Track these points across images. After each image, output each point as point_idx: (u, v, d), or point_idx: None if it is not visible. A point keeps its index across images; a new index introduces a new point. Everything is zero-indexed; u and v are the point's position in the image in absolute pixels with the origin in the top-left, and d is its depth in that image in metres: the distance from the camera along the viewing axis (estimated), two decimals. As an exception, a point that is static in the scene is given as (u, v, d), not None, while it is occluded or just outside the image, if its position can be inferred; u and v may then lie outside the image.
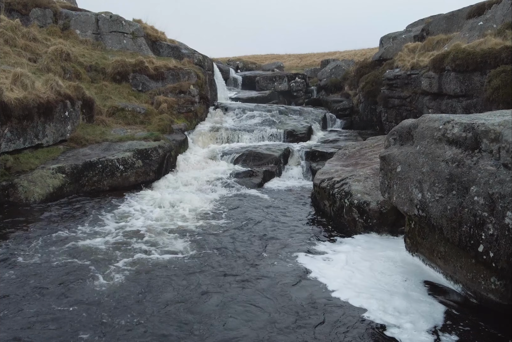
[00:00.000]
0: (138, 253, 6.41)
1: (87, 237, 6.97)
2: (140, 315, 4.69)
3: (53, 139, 10.27)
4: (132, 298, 5.07)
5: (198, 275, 5.72)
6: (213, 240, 7.08)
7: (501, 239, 4.16)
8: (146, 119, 13.41)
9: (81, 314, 4.68)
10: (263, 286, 5.45)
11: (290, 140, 15.06)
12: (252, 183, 11.01)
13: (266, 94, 24.36)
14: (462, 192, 4.61)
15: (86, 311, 4.74)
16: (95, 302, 4.95)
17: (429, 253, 5.61)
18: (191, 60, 18.16)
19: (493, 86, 10.38)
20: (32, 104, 9.42)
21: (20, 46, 13.06)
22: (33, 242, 6.66)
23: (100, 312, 4.74)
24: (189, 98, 15.36)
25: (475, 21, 14.22)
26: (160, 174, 10.88)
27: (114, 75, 14.79)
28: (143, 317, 4.65)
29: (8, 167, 8.93)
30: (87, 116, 11.96)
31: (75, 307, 4.82)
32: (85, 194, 9.38)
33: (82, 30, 16.79)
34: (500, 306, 4.52)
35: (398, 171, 5.82)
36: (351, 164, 9.52)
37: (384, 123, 16.10)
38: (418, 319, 4.59)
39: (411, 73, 14.92)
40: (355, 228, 7.50)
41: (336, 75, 25.02)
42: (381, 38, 21.65)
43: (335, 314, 4.77)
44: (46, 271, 5.71)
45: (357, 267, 5.95)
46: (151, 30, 19.30)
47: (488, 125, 4.53)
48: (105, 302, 4.94)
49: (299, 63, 42.36)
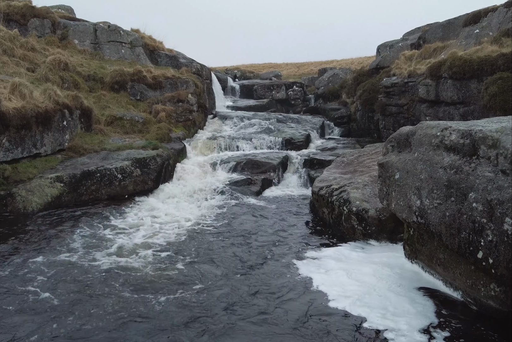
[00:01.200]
0: (133, 272, 6.17)
1: (82, 255, 6.67)
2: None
3: (51, 149, 10.26)
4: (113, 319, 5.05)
5: (197, 282, 5.71)
6: (210, 247, 7.06)
7: (500, 245, 4.15)
8: (144, 128, 13.43)
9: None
10: (261, 295, 5.42)
11: (289, 148, 15.06)
12: (250, 191, 11.00)
13: (264, 102, 24.43)
14: (461, 198, 4.61)
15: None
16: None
17: (429, 260, 5.59)
18: (189, 69, 18.26)
19: (490, 93, 10.42)
20: (30, 114, 9.43)
21: (19, 56, 13.11)
22: (15, 259, 6.35)
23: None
24: (187, 107, 15.39)
25: (471, 29, 14.32)
26: (159, 182, 10.85)
27: (112, 85, 14.83)
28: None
29: (6, 177, 8.91)
30: (85, 126, 11.98)
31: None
32: (83, 203, 9.33)
33: (80, 40, 16.86)
34: (500, 313, 4.49)
35: (397, 177, 5.82)
36: (349, 172, 9.52)
37: (382, 131, 16.14)
38: (415, 325, 4.57)
39: (408, 81, 15.00)
40: (354, 235, 7.48)
41: (334, 83, 25.11)
42: (378, 46, 21.81)
43: (335, 322, 4.74)
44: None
45: (357, 274, 5.91)
46: (149, 39, 19.39)
47: (485, 131, 4.53)
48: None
49: (297, 72, 42.57)
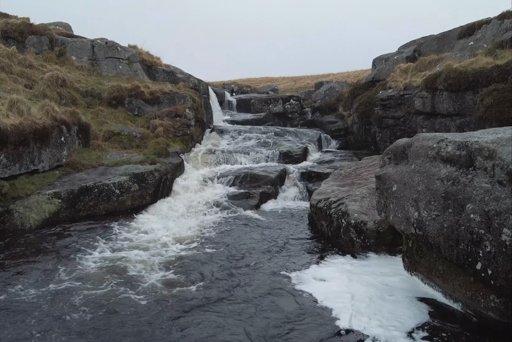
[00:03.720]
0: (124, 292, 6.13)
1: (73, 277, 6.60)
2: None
3: (49, 165, 10.26)
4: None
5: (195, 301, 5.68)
6: (208, 261, 7.02)
7: (499, 256, 4.14)
8: (142, 143, 13.46)
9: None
10: (256, 310, 5.38)
11: (286, 161, 15.07)
12: (248, 205, 10.99)
13: (261, 116, 24.53)
14: (458, 209, 4.61)
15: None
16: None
17: (428, 271, 5.57)
18: (187, 84, 18.35)
19: (486, 105, 10.49)
20: (28, 130, 9.44)
21: (16, 73, 13.18)
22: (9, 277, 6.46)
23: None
24: (185, 122, 15.44)
25: (466, 41, 14.48)
26: (157, 197, 10.84)
27: (110, 100, 14.90)
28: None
29: (4, 194, 8.89)
30: (83, 141, 12.00)
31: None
32: (81, 219, 9.28)
33: (78, 56, 16.98)
34: (500, 324, 4.46)
35: (394, 190, 5.83)
36: (347, 184, 9.53)
37: (379, 143, 16.20)
38: (416, 338, 4.53)
39: (404, 93, 15.11)
40: (353, 248, 7.45)
41: (330, 96, 25.25)
42: (374, 59, 21.99)
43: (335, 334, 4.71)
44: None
45: (356, 287, 5.88)
46: (146, 55, 19.53)
47: (481, 143, 4.55)
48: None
49: (294, 86, 42.80)
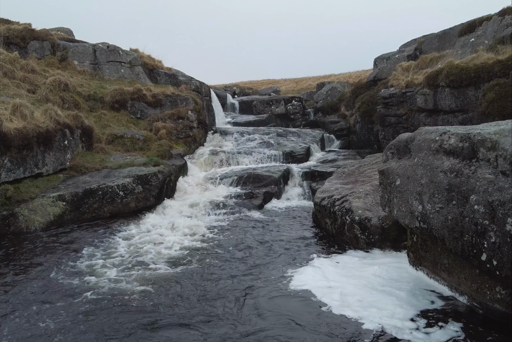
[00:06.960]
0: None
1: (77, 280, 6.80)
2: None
3: (53, 168, 10.29)
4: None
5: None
6: (214, 262, 7.02)
7: (504, 246, 4.13)
8: (145, 146, 13.49)
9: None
10: (262, 310, 5.34)
11: (289, 161, 15.09)
12: (252, 205, 10.99)
13: (263, 117, 24.54)
14: (462, 201, 4.60)
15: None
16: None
17: (433, 266, 5.55)
18: (188, 86, 18.39)
19: (488, 100, 10.47)
20: (31, 134, 9.49)
21: (19, 78, 13.26)
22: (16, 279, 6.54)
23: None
24: (187, 124, 15.47)
25: (466, 38, 14.46)
26: (160, 198, 10.85)
27: (112, 104, 14.95)
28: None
29: (9, 197, 8.92)
30: (86, 145, 12.04)
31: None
32: (85, 221, 9.31)
33: (80, 60, 17.06)
34: (506, 316, 4.43)
35: (397, 184, 5.82)
36: (350, 182, 9.51)
37: (382, 141, 16.17)
38: (423, 331, 4.52)
39: (406, 91, 15.09)
40: (358, 244, 7.44)
41: (332, 97, 25.26)
42: (375, 59, 21.97)
43: (343, 331, 4.69)
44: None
45: (362, 283, 5.86)
46: (148, 59, 19.59)
47: (484, 134, 4.54)
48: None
49: (295, 87, 42.90)
